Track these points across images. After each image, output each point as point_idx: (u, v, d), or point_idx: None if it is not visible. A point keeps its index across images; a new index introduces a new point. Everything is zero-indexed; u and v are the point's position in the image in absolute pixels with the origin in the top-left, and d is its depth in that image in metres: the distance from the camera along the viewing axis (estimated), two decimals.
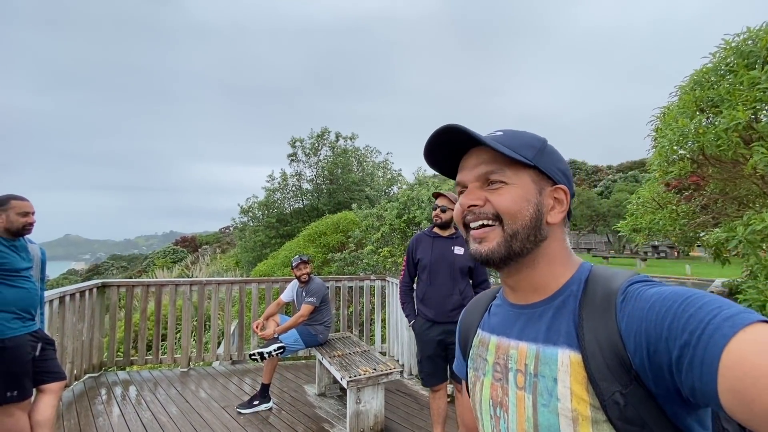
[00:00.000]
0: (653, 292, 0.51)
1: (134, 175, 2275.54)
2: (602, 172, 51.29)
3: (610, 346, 0.51)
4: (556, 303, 0.60)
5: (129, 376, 4.16)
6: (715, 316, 0.42)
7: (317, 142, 13.90)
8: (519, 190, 0.61)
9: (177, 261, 27.31)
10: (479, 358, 0.70)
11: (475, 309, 0.79)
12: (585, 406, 0.52)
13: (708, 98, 2.67)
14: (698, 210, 3.61)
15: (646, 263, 19.72)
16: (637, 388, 0.49)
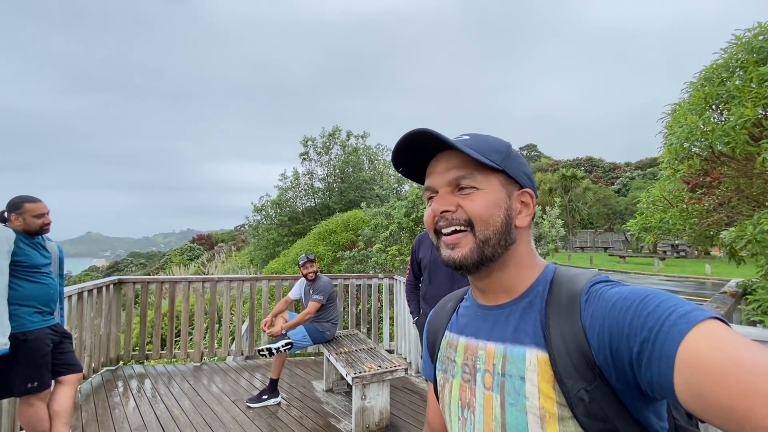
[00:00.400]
0: (614, 292, 0.52)
1: (152, 174, 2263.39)
2: (620, 169, 50.18)
3: (576, 345, 0.53)
4: (523, 304, 0.61)
5: (144, 370, 4.31)
6: (671, 314, 0.44)
7: (329, 141, 14.00)
8: (490, 195, 0.61)
9: (193, 258, 27.90)
10: (447, 360, 0.70)
11: (442, 310, 0.78)
12: (552, 403, 0.53)
13: (717, 95, 2.62)
14: (712, 209, 3.54)
15: (665, 263, 19.24)
16: (600, 384, 0.51)
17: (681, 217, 3.22)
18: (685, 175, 3.18)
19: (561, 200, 29.10)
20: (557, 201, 6.77)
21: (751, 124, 2.34)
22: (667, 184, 3.40)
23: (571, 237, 30.25)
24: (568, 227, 29.29)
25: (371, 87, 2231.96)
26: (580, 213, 32.57)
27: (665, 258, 20.33)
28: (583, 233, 33.50)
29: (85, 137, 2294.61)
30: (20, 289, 2.25)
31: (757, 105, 2.30)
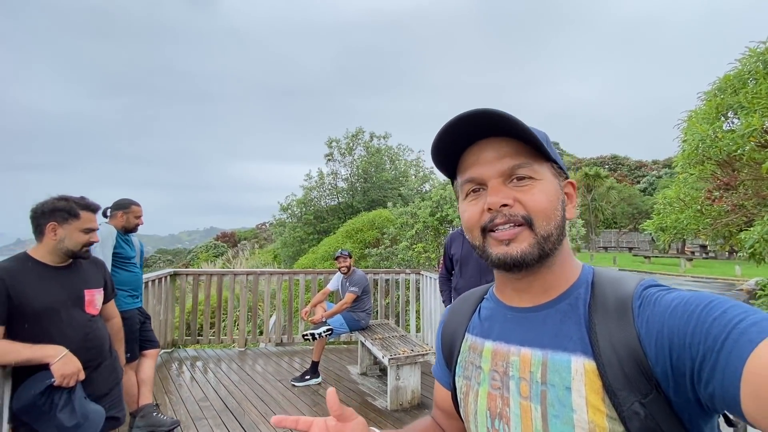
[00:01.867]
0: (673, 297, 0.49)
1: (177, 173, 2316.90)
2: (646, 167, 48.80)
3: (629, 353, 0.49)
4: (562, 306, 0.57)
5: (197, 353, 4.80)
6: (740, 321, 0.41)
7: (352, 142, 14.43)
8: (549, 186, 0.57)
9: (218, 255, 28.96)
10: (471, 366, 0.65)
11: (460, 311, 0.73)
12: (602, 417, 0.49)
13: (728, 105, 2.84)
14: (729, 209, 3.71)
15: (692, 263, 18.81)
16: (657, 396, 0.47)
17: (695, 218, 3.43)
18: (701, 179, 3.39)
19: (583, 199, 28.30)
20: (578, 201, 6.95)
21: (759, 133, 2.56)
22: (683, 187, 3.61)
23: (593, 237, 29.76)
24: (590, 227, 28.85)
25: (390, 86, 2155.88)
26: (603, 212, 31.98)
27: (692, 259, 19.86)
28: (606, 233, 32.89)
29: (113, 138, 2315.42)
30: (117, 276, 2.71)
31: (764, 116, 2.52)
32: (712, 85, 3.10)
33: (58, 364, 1.44)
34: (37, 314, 1.50)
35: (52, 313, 1.54)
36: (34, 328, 1.49)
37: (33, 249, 1.62)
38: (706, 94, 3.19)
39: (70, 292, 1.62)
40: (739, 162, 3.02)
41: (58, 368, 1.44)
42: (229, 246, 35.05)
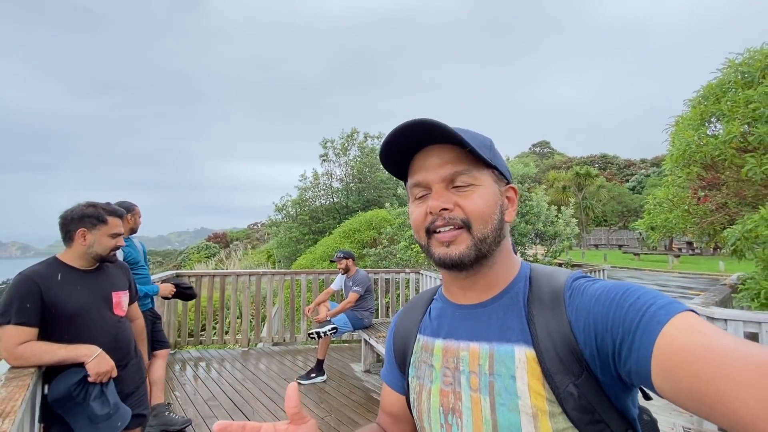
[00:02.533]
0: (597, 287, 0.54)
1: (166, 173, 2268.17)
2: (635, 166, 49.62)
3: (563, 340, 0.53)
4: (504, 301, 0.61)
5: (200, 354, 4.88)
6: (651, 305, 0.46)
7: (347, 143, 14.53)
8: (487, 191, 0.60)
9: (211, 256, 28.80)
10: (423, 365, 0.67)
11: (411, 313, 0.76)
12: (542, 400, 0.53)
13: (711, 112, 3.02)
14: (714, 209, 3.92)
15: (679, 260, 19.28)
16: (587, 377, 0.52)
17: (683, 217, 3.62)
18: (688, 180, 3.58)
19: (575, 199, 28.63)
20: (572, 200, 7.15)
21: (739, 139, 2.75)
22: (671, 188, 3.80)
23: (584, 235, 30.26)
24: (582, 225, 29.33)
25: (382, 85, 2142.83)
26: (594, 210, 32.52)
27: (680, 255, 20.34)
28: (596, 231, 33.44)
29: (101, 138, 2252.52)
30: None
31: (743, 123, 2.71)
32: (697, 93, 3.28)
33: (93, 363, 1.54)
34: (69, 316, 1.59)
35: (84, 315, 1.63)
36: (66, 329, 1.58)
37: (62, 254, 1.71)
38: (692, 101, 3.38)
39: (99, 295, 1.72)
40: (722, 165, 3.21)
41: (93, 366, 1.53)
42: (221, 247, 34.84)
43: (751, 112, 2.57)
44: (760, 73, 2.69)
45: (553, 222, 7.29)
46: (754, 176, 2.55)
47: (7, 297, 1.46)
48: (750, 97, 2.69)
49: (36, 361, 1.45)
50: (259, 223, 40.02)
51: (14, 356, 1.42)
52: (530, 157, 50.52)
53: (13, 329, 1.43)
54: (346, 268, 4.24)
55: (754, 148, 2.78)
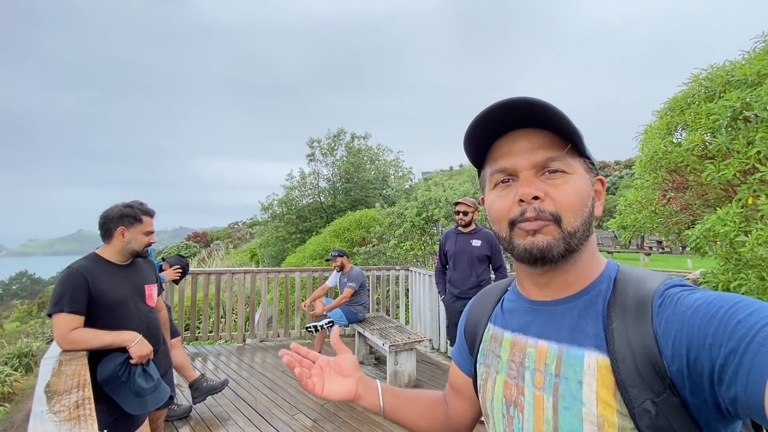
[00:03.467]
0: (697, 297, 0.49)
1: (143, 171, 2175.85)
2: (609, 167, 51.38)
3: (644, 351, 0.49)
4: (581, 302, 0.57)
5: (196, 349, 4.97)
6: (766, 324, 0.40)
7: (333, 143, 14.65)
8: (580, 182, 0.56)
9: (191, 255, 28.31)
10: (491, 354, 0.67)
11: (484, 301, 0.75)
12: (612, 412, 0.49)
13: (677, 122, 3.37)
14: (679, 210, 4.30)
15: (650, 258, 20.25)
16: (670, 396, 0.47)
17: (650, 218, 3.98)
18: (655, 184, 3.94)
19: None
20: None
21: (700, 147, 3.09)
22: (640, 191, 4.17)
23: None
24: None
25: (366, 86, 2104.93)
26: None
27: (650, 253, 21.35)
28: None
29: (75, 134, 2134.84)
30: None
31: (704, 133, 3.05)
32: (664, 104, 3.63)
33: (135, 347, 1.70)
34: (110, 306, 1.74)
35: (123, 305, 1.78)
36: (108, 318, 1.73)
37: (101, 250, 1.86)
38: (659, 112, 3.73)
39: (135, 287, 1.87)
40: (684, 170, 3.57)
41: (136, 350, 1.69)
42: (201, 246, 34.23)
43: (711, 123, 2.90)
44: (720, 88, 3.03)
45: None
46: (713, 181, 2.88)
47: (60, 288, 1.60)
48: (711, 109, 3.02)
49: (86, 345, 1.60)
50: (240, 222, 39.46)
51: (67, 341, 1.57)
52: None
53: (66, 317, 1.58)
54: (341, 266, 4.44)
55: (713, 156, 3.12)
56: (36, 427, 0.95)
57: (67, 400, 1.11)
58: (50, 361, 1.42)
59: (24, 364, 5.14)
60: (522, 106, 0.54)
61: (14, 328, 13.29)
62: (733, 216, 2.66)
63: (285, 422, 3.10)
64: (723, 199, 3.76)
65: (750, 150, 2.64)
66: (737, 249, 2.70)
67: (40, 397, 1.12)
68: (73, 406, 1.07)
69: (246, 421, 3.11)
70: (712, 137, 3.17)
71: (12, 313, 22.18)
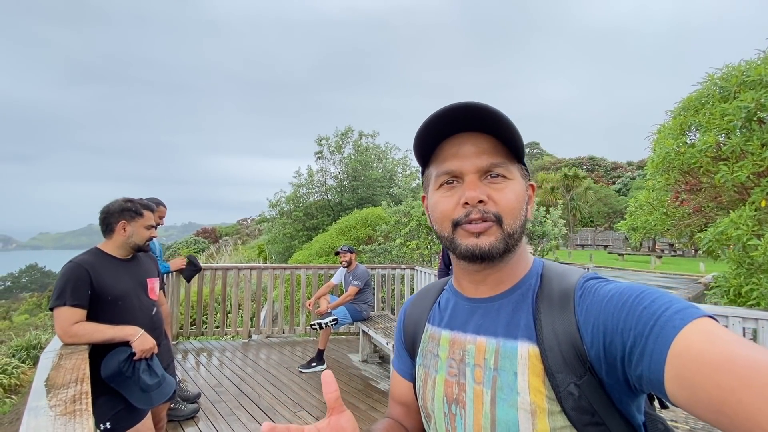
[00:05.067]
0: (610, 288, 0.53)
1: (153, 166, 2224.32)
2: (622, 168, 50.72)
3: (568, 339, 0.53)
4: (515, 296, 0.61)
5: (201, 344, 5.01)
6: (666, 309, 0.45)
7: (341, 140, 14.65)
8: (518, 186, 0.60)
9: (200, 251, 28.60)
10: (429, 354, 0.68)
11: (421, 303, 0.76)
12: (542, 398, 0.53)
13: (690, 123, 3.29)
14: (692, 212, 4.21)
15: (661, 260, 19.92)
16: (590, 378, 0.52)
17: (662, 220, 3.90)
18: (667, 185, 3.85)
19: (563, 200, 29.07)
20: (560, 201, 7.43)
21: (714, 148, 3.01)
22: (651, 192, 4.09)
23: (571, 235, 30.92)
24: (569, 225, 29.97)
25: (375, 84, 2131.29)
26: (581, 211, 33.26)
27: (662, 256, 21.00)
28: (583, 231, 34.21)
29: (86, 129, 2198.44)
30: None
31: (718, 134, 2.97)
32: (678, 104, 3.55)
33: (138, 342, 1.70)
34: (113, 300, 1.75)
35: (126, 299, 1.79)
36: (110, 312, 1.74)
37: (103, 244, 1.86)
38: (672, 112, 3.65)
39: (137, 281, 1.88)
40: (697, 172, 3.48)
41: (138, 345, 1.70)
42: (210, 242, 34.57)
43: (725, 124, 2.82)
44: (736, 88, 2.95)
45: (541, 222, 7.57)
46: (726, 183, 2.81)
47: (62, 281, 1.61)
48: (725, 110, 2.95)
49: (88, 339, 1.61)
50: (249, 218, 39.74)
51: (69, 334, 1.58)
52: None
53: (68, 310, 1.59)
54: (349, 262, 4.43)
55: (727, 157, 3.04)
56: (30, 421, 0.95)
57: (64, 395, 1.11)
58: (50, 355, 1.43)
59: (32, 356, 5.24)
60: (475, 111, 0.56)
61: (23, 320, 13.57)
62: (746, 219, 2.58)
63: (288, 419, 3.10)
64: (736, 201, 3.67)
65: (764, 152, 2.57)
66: (750, 253, 2.63)
67: (37, 391, 1.12)
68: (70, 400, 1.07)
69: (249, 418, 3.12)
70: (726, 138, 3.09)
71: (21, 306, 22.66)
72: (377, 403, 3.43)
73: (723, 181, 2.83)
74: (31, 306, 21.27)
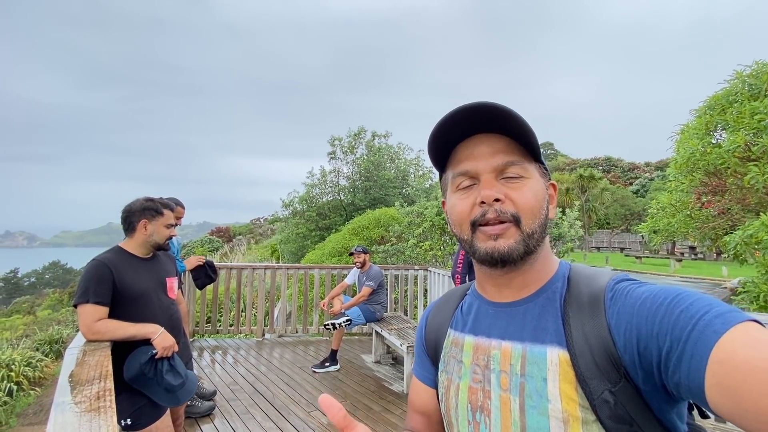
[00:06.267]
0: (644, 290, 0.51)
1: (169, 167, 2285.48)
2: (639, 169, 49.63)
3: (600, 344, 0.51)
4: (541, 300, 0.59)
5: (216, 342, 5.07)
6: (706, 313, 0.43)
7: (354, 141, 14.69)
8: (537, 185, 0.59)
9: (214, 250, 29.04)
10: (453, 360, 0.66)
11: (443, 308, 0.74)
12: (575, 406, 0.51)
13: (717, 122, 3.18)
14: (716, 214, 4.08)
15: (681, 264, 19.39)
16: (626, 385, 0.49)
17: (685, 222, 3.78)
18: (691, 186, 3.73)
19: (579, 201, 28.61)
20: (577, 203, 7.30)
21: (742, 149, 2.90)
22: (674, 193, 3.97)
23: (587, 237, 30.38)
24: (584, 227, 29.46)
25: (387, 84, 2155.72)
26: (596, 213, 32.64)
27: (682, 260, 20.44)
28: (599, 233, 33.57)
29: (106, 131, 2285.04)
30: None
31: (748, 133, 2.86)
32: (703, 103, 3.44)
33: (158, 339, 1.72)
34: (134, 298, 1.77)
35: (146, 297, 1.81)
36: (131, 310, 1.76)
37: (124, 243, 1.89)
38: (697, 111, 3.54)
39: (157, 280, 1.90)
40: (724, 173, 3.37)
41: (159, 342, 1.72)
42: (224, 241, 35.06)
43: (756, 123, 2.72)
44: (767, 85, 2.84)
45: (557, 224, 7.45)
46: (756, 184, 2.70)
47: (85, 279, 1.64)
48: (756, 108, 2.83)
49: (110, 336, 1.63)
50: (262, 218, 40.19)
51: (92, 331, 1.60)
52: None
53: (91, 308, 1.62)
54: (363, 262, 4.43)
55: (758, 158, 2.93)
56: (57, 417, 0.96)
57: (89, 391, 1.12)
58: (74, 351, 1.46)
59: (54, 350, 5.38)
60: (485, 111, 0.56)
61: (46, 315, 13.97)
62: None
63: (301, 419, 3.11)
64: (766, 204, 3.54)
65: None
66: None
67: (63, 387, 1.14)
68: (94, 397, 1.08)
69: (263, 416, 3.14)
70: (756, 138, 2.98)
71: (44, 301, 23.36)
72: (390, 404, 3.41)
73: (753, 182, 2.72)
74: (54, 302, 21.92)
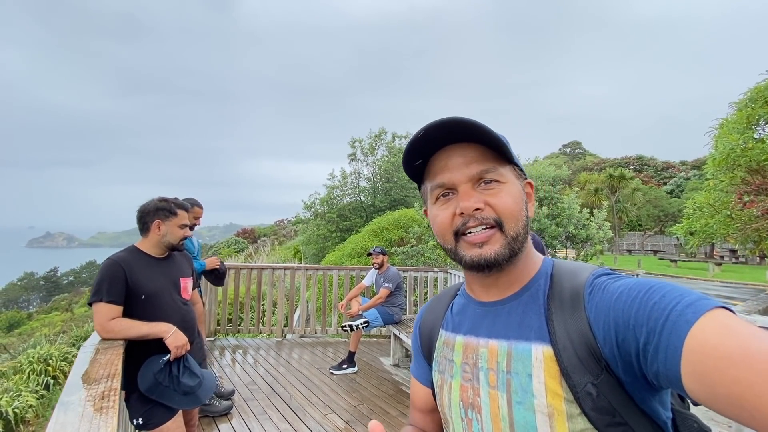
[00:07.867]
0: (619, 284, 0.52)
1: (197, 170, 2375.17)
2: (674, 168, 47.32)
3: (581, 338, 0.52)
4: (524, 298, 0.60)
5: (237, 342, 5.15)
6: (678, 303, 0.44)
7: (374, 142, 14.71)
8: (513, 188, 0.60)
9: (239, 251, 29.75)
10: (444, 360, 0.68)
11: (435, 309, 0.76)
12: (559, 400, 0.52)
13: (759, 115, 2.95)
14: (760, 215, 3.79)
15: (721, 268, 18.30)
16: (607, 377, 0.50)
17: (725, 223, 3.53)
18: (731, 185, 3.48)
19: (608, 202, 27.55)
20: (605, 203, 7.00)
21: None
22: (713, 192, 3.72)
23: (617, 239, 29.19)
24: (615, 229, 28.33)
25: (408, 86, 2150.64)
26: (627, 214, 31.33)
27: (721, 263, 19.28)
28: (630, 235, 32.18)
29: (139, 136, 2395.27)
30: None
31: None
32: (744, 95, 3.20)
33: (171, 338, 1.73)
34: (147, 298, 1.79)
35: (159, 297, 1.83)
36: (144, 309, 1.78)
37: (139, 243, 1.92)
38: (737, 104, 3.30)
39: (170, 280, 1.91)
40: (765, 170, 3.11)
41: (172, 341, 1.73)
42: (249, 242, 35.88)
43: None
44: None
45: (585, 225, 7.16)
46: None
47: (99, 278, 1.67)
48: None
49: (124, 334, 1.65)
50: (286, 219, 40.90)
51: (106, 329, 1.63)
52: (560, 158, 48.82)
53: (105, 306, 1.64)
54: (381, 264, 4.38)
55: None
56: (59, 416, 0.96)
57: (95, 390, 1.12)
58: (88, 349, 1.48)
59: None
60: (452, 125, 0.57)
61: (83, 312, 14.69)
62: None
63: (318, 421, 3.09)
64: None
65: None
66: None
67: (71, 384, 1.15)
68: (99, 397, 1.08)
69: (280, 417, 3.13)
70: None
71: (81, 299, 24.59)
72: (408, 409, 3.33)
73: None
74: None
